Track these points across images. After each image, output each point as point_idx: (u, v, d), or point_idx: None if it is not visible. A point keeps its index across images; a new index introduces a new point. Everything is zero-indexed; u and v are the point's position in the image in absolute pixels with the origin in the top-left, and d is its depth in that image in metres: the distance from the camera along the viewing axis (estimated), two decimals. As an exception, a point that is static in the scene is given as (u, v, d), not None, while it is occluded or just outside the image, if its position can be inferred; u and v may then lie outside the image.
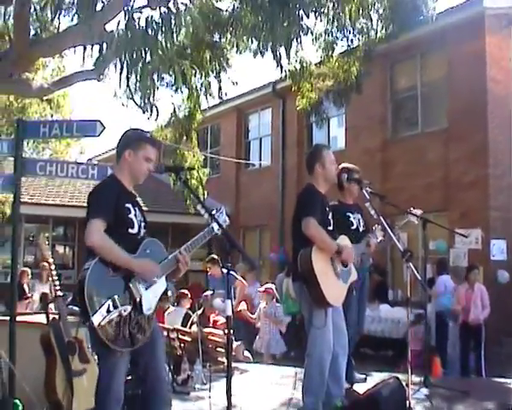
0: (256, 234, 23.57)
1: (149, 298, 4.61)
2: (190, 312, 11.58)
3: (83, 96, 57.13)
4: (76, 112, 35.39)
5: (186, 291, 12.38)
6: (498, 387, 8.99)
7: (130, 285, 4.50)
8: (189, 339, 10.11)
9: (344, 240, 6.42)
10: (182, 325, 11.01)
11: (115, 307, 4.39)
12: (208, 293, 12.30)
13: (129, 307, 4.47)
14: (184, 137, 16.87)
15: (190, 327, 10.80)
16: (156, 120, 11.84)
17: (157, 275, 4.64)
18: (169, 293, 4.81)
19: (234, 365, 10.31)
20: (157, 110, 11.28)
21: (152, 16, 9.30)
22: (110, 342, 4.36)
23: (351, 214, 7.65)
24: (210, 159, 25.45)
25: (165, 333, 10.14)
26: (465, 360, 12.58)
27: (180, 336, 10.21)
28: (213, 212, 5.17)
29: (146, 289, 4.58)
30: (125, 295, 4.49)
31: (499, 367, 12.30)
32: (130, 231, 4.69)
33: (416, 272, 6.51)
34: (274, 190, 22.02)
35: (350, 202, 7.82)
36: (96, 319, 4.29)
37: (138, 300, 4.52)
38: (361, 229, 7.63)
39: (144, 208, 16.39)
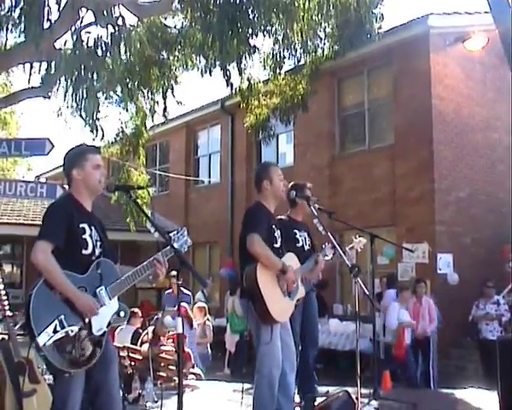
0: (205, 251, 23.52)
1: (100, 318, 4.56)
2: (140, 330, 11.55)
3: (30, 113, 56.51)
4: (23, 129, 35.10)
5: (136, 310, 12.32)
6: (445, 398, 9.16)
7: None
8: (140, 357, 10.07)
9: (291, 258, 6.45)
10: (131, 343, 10.97)
11: (62, 327, 4.33)
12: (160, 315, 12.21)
13: (76, 328, 4.41)
14: (132, 155, 16.80)
15: (141, 345, 10.75)
16: (102, 139, 11.84)
17: (95, 314, 4.53)
18: (121, 314, 4.72)
19: (185, 382, 10.32)
20: (102, 130, 11.29)
21: (101, 36, 9.31)
22: (57, 363, 4.31)
23: (297, 231, 7.65)
24: (159, 176, 25.43)
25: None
26: (414, 373, 12.72)
27: (130, 355, 10.17)
28: (173, 233, 5.15)
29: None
30: (73, 316, 4.43)
31: (448, 379, 12.52)
32: (83, 252, 4.64)
33: (364, 287, 6.60)
34: (223, 207, 22.07)
35: (299, 219, 7.84)
36: (42, 339, 4.23)
37: (87, 320, 4.48)
38: (306, 247, 7.64)
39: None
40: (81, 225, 4.70)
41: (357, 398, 6.58)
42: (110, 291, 4.67)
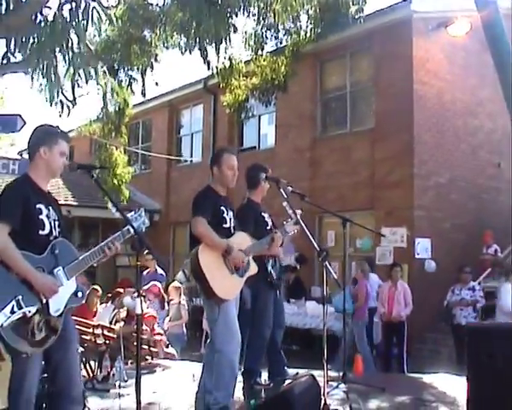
0: (186, 230, 23.32)
1: (57, 299, 4.53)
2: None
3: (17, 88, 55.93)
4: (9, 104, 34.87)
5: (121, 290, 12.28)
6: (414, 382, 9.19)
7: None
8: (114, 336, 10.07)
9: (241, 237, 6.47)
10: (110, 323, 10.97)
11: (20, 307, 4.31)
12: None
13: (34, 308, 4.38)
14: (114, 133, 16.74)
15: (115, 324, 10.76)
16: (68, 116, 11.70)
17: (55, 293, 4.52)
18: (79, 294, 4.68)
19: (156, 362, 10.36)
20: (68, 107, 11.17)
21: (57, 12, 9.11)
22: (14, 344, 4.30)
23: (264, 214, 7.64)
24: (141, 154, 25.37)
25: (91, 330, 10.13)
26: (388, 357, 12.77)
27: (105, 333, 10.18)
28: (131, 213, 5.14)
29: None
30: (31, 296, 4.39)
31: (422, 363, 12.59)
32: (40, 232, 4.60)
33: (331, 271, 6.57)
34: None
35: (259, 201, 7.78)
36: None
37: (45, 301, 4.45)
38: (272, 228, 7.64)
39: (75, 203, 16.01)
40: (38, 206, 4.65)
41: (328, 381, 6.58)
42: (68, 272, 4.63)
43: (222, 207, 6.38)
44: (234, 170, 6.52)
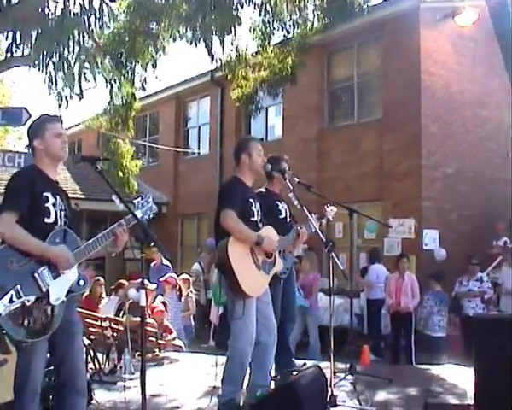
0: (194, 222, 23.49)
1: (58, 288, 4.53)
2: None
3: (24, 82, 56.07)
4: (17, 98, 34.92)
5: (124, 281, 12.29)
6: (422, 374, 9.18)
7: (36, 275, 4.42)
8: (122, 328, 10.07)
9: (268, 230, 6.44)
10: (116, 315, 10.97)
11: (18, 297, 4.30)
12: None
13: (33, 297, 4.38)
14: (121, 126, 16.74)
15: (123, 316, 10.75)
16: (66, 109, 11.72)
17: (72, 265, 4.58)
18: (81, 282, 4.69)
19: (164, 354, 10.36)
20: (67, 101, 11.20)
21: (66, 8, 9.10)
22: (14, 333, 4.31)
23: (279, 203, 7.66)
24: (149, 147, 25.39)
25: (98, 322, 10.13)
26: (396, 348, 12.75)
27: (113, 326, 10.18)
28: (138, 199, 5.16)
29: (54, 278, 4.50)
30: (30, 285, 4.40)
31: (430, 354, 12.55)
32: (45, 220, 4.63)
33: (337, 261, 6.58)
34: (212, 179, 21.91)
35: (277, 191, 7.82)
36: None
37: (45, 290, 4.45)
38: (288, 219, 7.66)
39: (82, 196, 16.08)
40: (44, 194, 4.68)
41: (335, 373, 6.57)
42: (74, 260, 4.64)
43: (250, 200, 6.38)
44: (262, 156, 6.53)
